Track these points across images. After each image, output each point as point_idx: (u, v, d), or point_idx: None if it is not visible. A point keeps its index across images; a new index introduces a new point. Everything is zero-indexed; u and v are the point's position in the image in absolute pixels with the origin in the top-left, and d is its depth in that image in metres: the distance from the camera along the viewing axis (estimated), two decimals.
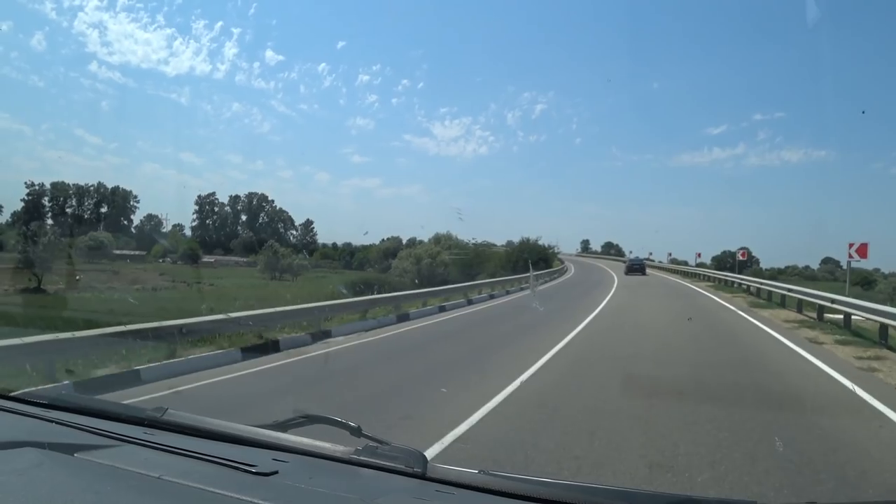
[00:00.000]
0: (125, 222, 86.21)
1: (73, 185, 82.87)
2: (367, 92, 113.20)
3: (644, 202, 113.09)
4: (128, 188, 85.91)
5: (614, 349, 10.38)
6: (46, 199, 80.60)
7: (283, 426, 1.77)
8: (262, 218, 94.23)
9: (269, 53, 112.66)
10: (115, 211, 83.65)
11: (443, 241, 45.15)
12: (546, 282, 33.72)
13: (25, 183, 78.78)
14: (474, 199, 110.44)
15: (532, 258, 41.53)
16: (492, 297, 23.05)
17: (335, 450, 1.60)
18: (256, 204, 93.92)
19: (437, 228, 62.16)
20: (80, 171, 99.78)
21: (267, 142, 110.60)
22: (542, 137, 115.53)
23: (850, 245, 18.48)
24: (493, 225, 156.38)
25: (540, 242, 51.29)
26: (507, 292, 25.22)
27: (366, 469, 1.54)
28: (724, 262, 63.12)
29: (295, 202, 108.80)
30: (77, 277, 33.84)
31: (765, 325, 14.27)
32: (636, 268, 40.62)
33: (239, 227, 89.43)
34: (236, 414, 2.84)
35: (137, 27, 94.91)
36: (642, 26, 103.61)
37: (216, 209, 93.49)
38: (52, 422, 1.74)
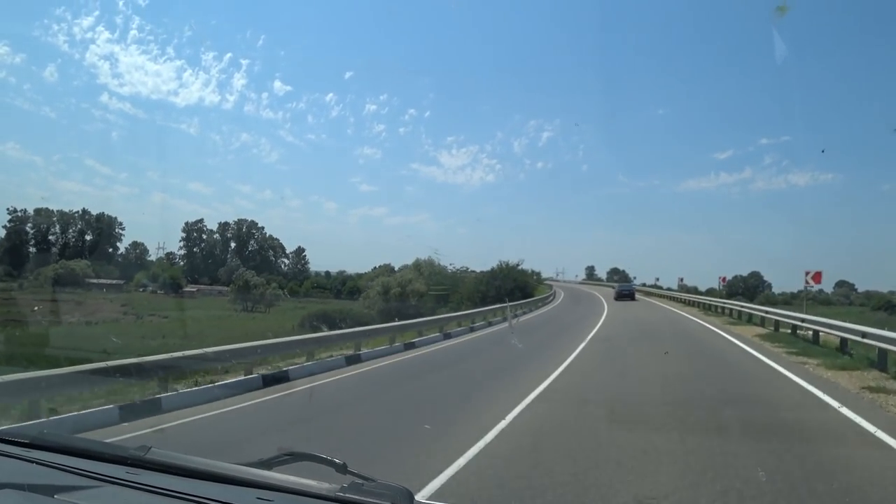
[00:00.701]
0: (110, 250, 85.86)
1: (58, 211, 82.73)
2: (375, 121, 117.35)
3: (651, 228, 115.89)
4: (113, 215, 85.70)
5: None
6: (29, 225, 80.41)
7: (267, 464, 1.79)
8: (252, 245, 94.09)
9: (277, 84, 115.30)
10: (99, 238, 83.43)
11: (423, 268, 42.93)
12: (524, 313, 30.89)
13: (8, 209, 78.43)
14: (481, 226, 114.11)
15: (507, 286, 40.02)
16: (472, 329, 22.05)
17: (320, 487, 1.62)
18: (246, 231, 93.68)
19: (443, 256, 63.44)
20: (91, 201, 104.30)
21: (275, 171, 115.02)
22: (549, 164, 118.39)
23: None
24: (499, 252, 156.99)
25: (522, 267, 48.75)
26: (490, 323, 24.12)
27: None
28: (737, 287, 63.45)
29: (303, 231, 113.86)
30: (34, 308, 33.45)
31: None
32: (625, 294, 42.57)
33: (228, 255, 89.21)
34: None
35: (148, 59, 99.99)
36: (646, 53, 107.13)
37: (204, 236, 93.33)
38: (32, 462, 1.74)
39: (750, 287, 67.80)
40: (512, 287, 41.33)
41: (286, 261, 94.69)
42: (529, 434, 6.76)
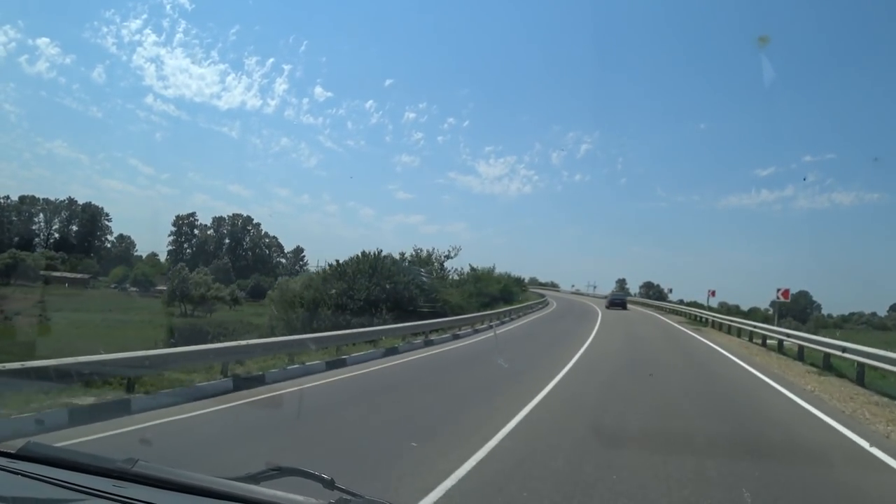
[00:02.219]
0: (96, 242, 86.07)
1: (43, 199, 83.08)
2: (413, 129, 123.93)
3: (689, 244, 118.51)
4: (99, 205, 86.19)
5: None
6: (13, 214, 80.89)
7: (255, 478, 1.87)
8: (247, 242, 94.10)
9: (318, 90, 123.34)
10: (83, 229, 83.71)
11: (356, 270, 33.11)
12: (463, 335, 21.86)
13: None
14: (517, 237, 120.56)
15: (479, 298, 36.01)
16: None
17: (308, 502, 1.70)
18: (240, 227, 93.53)
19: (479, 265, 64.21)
20: (133, 200, 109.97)
21: (314, 176, 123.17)
22: (587, 177, 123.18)
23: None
24: (534, 263, 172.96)
25: (500, 273, 46.59)
26: (429, 342, 18.50)
27: None
28: (786, 308, 61.03)
29: (338, 236, 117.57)
30: None
31: None
32: (617, 303, 48.49)
33: (222, 252, 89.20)
34: None
35: (192, 62, 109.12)
36: (688, 67, 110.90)
37: (196, 231, 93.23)
38: (17, 474, 1.82)
39: (800, 308, 66.15)
40: (489, 300, 38.20)
41: (283, 261, 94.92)
42: None
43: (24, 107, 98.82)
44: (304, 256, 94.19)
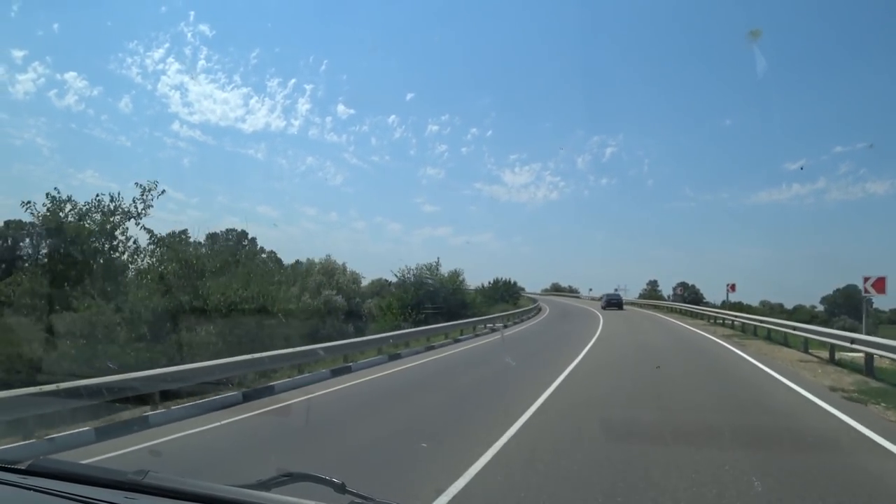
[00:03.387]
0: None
1: (29, 223, 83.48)
2: (437, 141, 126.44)
3: (720, 242, 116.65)
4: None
5: None
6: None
7: (265, 485, 1.94)
8: (241, 259, 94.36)
9: (340, 108, 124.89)
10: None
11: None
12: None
13: None
14: (545, 244, 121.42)
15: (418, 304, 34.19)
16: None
17: None
18: (234, 243, 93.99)
19: (510, 276, 66.40)
20: (164, 225, 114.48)
21: (340, 193, 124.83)
22: (613, 181, 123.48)
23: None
24: (562, 270, 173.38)
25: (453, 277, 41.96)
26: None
27: None
28: (836, 303, 59.77)
29: (366, 252, 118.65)
30: None
31: None
32: (614, 303, 49.93)
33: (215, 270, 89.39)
34: None
35: (216, 87, 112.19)
36: (710, 62, 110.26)
37: (191, 249, 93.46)
38: (29, 489, 1.90)
39: (853, 302, 65.78)
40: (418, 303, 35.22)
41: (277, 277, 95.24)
42: None
43: (56, 140, 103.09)
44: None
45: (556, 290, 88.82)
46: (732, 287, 39.88)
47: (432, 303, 34.86)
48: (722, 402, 10.94)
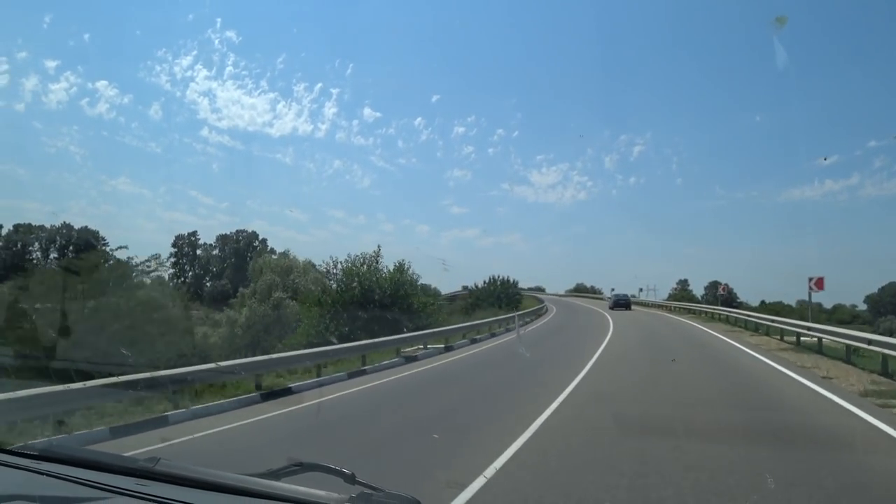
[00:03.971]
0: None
1: (38, 226, 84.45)
2: (464, 143, 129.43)
3: (752, 240, 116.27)
4: (95, 228, 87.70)
5: None
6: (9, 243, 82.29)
7: (276, 475, 1.98)
8: (251, 260, 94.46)
9: (367, 111, 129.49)
10: (77, 254, 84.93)
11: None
12: None
13: None
14: (573, 244, 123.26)
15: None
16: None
17: (329, 497, 1.81)
18: (244, 245, 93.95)
19: (537, 277, 61.01)
20: (194, 229, 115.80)
21: (368, 196, 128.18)
22: (642, 180, 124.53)
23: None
24: (591, 270, 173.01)
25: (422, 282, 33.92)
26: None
27: None
28: (884, 303, 57.21)
29: (395, 255, 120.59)
30: None
31: None
32: (622, 303, 49.62)
33: (224, 273, 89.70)
34: None
35: (243, 93, 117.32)
36: (740, 57, 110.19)
37: (199, 252, 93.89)
38: (43, 474, 1.96)
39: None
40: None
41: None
42: None
43: (88, 147, 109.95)
44: None
45: (578, 290, 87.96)
46: (819, 283, 25.51)
47: (363, 310, 27.23)
48: None
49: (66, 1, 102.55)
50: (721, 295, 46.68)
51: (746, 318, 30.70)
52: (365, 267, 30.76)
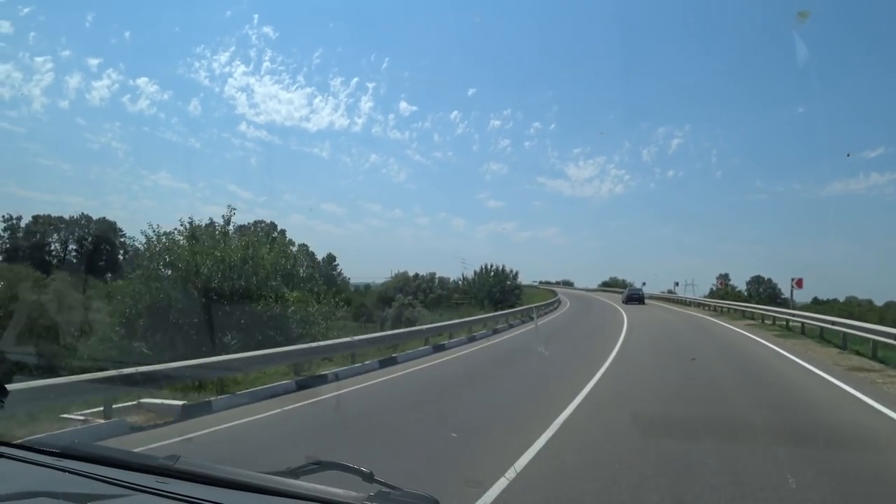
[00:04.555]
0: (113, 260, 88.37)
1: (57, 217, 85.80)
2: (500, 136, 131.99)
3: (794, 235, 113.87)
4: (112, 220, 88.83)
5: None
6: (20, 234, 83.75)
7: (294, 473, 2.01)
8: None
9: (402, 105, 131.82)
10: (95, 246, 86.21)
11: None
12: None
13: (3, 216, 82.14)
14: (610, 239, 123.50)
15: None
16: None
17: (347, 496, 1.83)
18: (261, 236, 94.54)
19: (571, 272, 57.59)
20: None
21: (404, 190, 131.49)
22: (680, 173, 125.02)
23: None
24: (629, 265, 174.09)
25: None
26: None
27: None
28: None
29: (431, 248, 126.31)
30: None
31: None
32: (635, 297, 48.98)
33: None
34: None
35: (280, 88, 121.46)
36: (780, 47, 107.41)
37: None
38: (64, 471, 2.01)
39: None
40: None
41: (312, 271, 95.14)
42: None
43: (130, 143, 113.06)
44: (337, 266, 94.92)
45: (607, 285, 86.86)
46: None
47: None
48: None
49: (107, 0, 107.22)
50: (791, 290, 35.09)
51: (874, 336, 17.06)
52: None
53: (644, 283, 63.64)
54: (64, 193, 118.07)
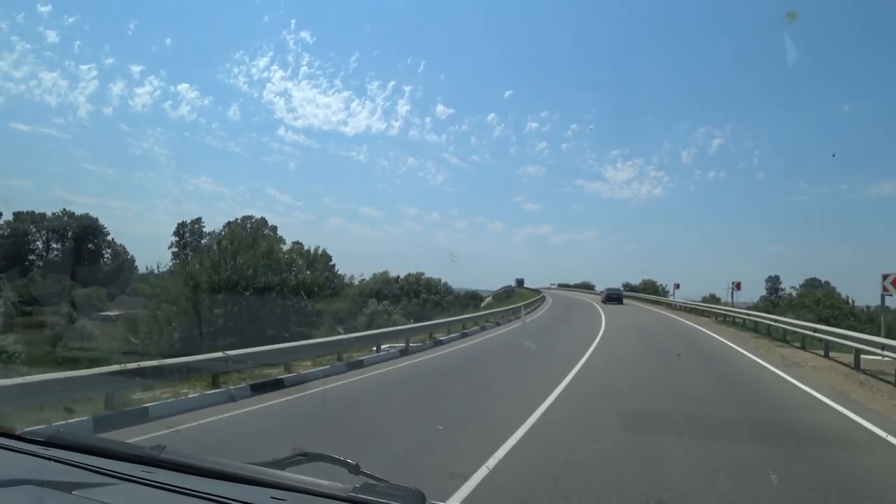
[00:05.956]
0: (97, 259, 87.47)
1: (40, 214, 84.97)
2: (537, 139, 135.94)
3: (842, 237, 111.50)
4: (94, 216, 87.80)
5: None
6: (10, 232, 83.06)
7: (280, 464, 2.07)
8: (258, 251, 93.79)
9: (439, 108, 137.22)
10: (75, 246, 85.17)
11: None
12: None
13: None
14: (649, 242, 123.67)
15: None
16: None
17: (333, 487, 1.88)
18: (251, 232, 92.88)
19: (607, 273, 56.36)
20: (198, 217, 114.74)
21: (441, 193, 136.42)
22: (721, 174, 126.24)
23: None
24: (668, 268, 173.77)
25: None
26: None
27: None
28: None
29: (470, 252, 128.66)
30: None
31: None
32: (613, 297, 50.07)
33: (230, 265, 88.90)
34: None
35: (318, 92, 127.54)
36: (825, 45, 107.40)
37: (203, 241, 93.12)
38: (50, 459, 2.06)
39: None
40: None
41: (307, 271, 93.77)
42: None
43: (171, 148, 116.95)
44: (332, 266, 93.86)
45: (632, 289, 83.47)
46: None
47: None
48: None
49: (148, 8, 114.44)
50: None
51: None
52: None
53: (677, 285, 55.62)
54: (108, 198, 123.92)
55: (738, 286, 40.83)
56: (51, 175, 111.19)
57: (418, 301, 52.18)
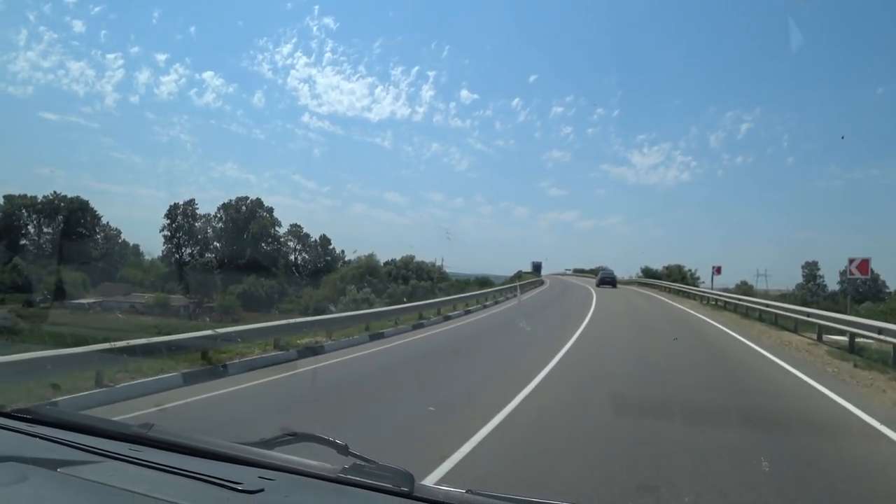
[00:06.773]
0: (86, 242, 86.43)
1: (32, 197, 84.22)
2: (562, 123, 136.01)
3: (874, 222, 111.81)
4: (85, 199, 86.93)
5: None
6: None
7: (269, 444, 2.08)
8: (252, 232, 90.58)
9: (464, 93, 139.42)
10: (64, 228, 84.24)
11: None
12: None
13: None
14: (676, 227, 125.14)
15: None
16: None
17: (322, 468, 1.90)
18: (246, 214, 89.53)
19: (634, 259, 55.24)
20: (297, 214, 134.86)
21: (466, 179, 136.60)
22: (750, 159, 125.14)
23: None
24: (696, 253, 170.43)
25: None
26: None
27: (352, 487, 1.83)
28: None
29: (493, 238, 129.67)
30: None
31: None
32: (607, 280, 51.18)
33: (220, 247, 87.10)
34: None
35: (342, 79, 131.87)
36: (856, 25, 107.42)
37: (197, 224, 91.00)
38: (35, 437, 2.06)
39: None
40: None
41: (306, 255, 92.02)
42: None
43: (197, 135, 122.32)
44: (331, 248, 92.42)
45: (650, 275, 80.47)
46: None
47: None
48: None
49: None
50: None
51: None
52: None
53: (718, 270, 46.11)
54: (136, 185, 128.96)
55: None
56: (80, 164, 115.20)
57: (406, 287, 52.03)
